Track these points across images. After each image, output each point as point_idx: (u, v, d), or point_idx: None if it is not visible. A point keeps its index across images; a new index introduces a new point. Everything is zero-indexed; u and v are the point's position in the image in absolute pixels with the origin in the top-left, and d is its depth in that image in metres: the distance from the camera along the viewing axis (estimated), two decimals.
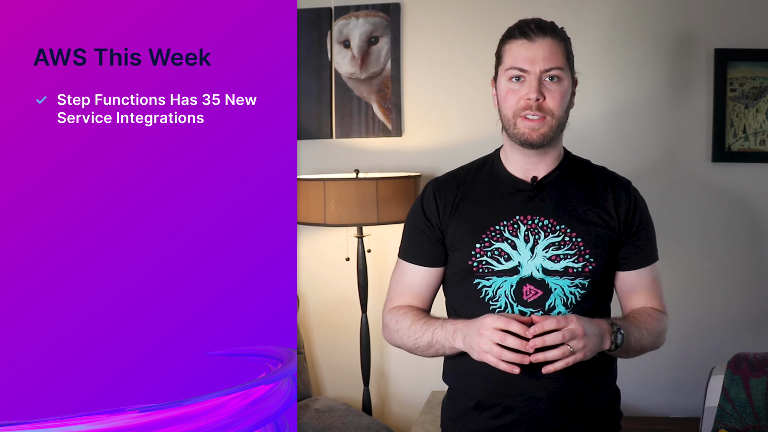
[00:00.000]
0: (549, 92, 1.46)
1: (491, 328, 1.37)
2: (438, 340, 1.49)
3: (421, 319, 1.54)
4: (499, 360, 1.36)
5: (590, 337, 1.37)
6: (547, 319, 1.36)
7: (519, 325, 1.35)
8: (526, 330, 1.35)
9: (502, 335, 1.36)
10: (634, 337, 1.47)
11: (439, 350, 1.51)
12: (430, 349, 1.52)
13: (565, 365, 1.35)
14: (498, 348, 1.36)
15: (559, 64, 1.46)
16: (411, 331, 1.53)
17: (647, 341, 1.51)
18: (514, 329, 1.35)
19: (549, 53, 1.45)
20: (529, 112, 1.46)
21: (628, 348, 1.47)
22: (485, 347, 1.37)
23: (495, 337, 1.36)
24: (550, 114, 1.46)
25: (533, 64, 1.45)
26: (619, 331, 1.43)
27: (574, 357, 1.35)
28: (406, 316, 1.56)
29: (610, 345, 1.42)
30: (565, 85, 1.48)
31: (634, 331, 1.47)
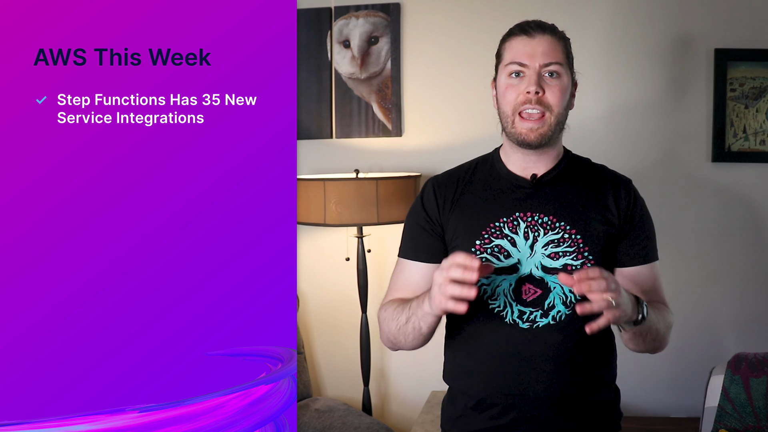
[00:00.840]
0: (549, 87, 1.47)
1: (441, 269, 1.33)
2: (413, 311, 1.46)
3: (403, 302, 1.52)
4: (448, 299, 1.31)
5: (624, 297, 1.33)
6: (591, 269, 1.30)
7: (465, 256, 1.30)
8: (474, 259, 1.29)
9: (450, 269, 1.30)
10: (654, 317, 1.45)
11: (415, 324, 1.47)
12: (408, 324, 1.48)
13: (607, 322, 1.29)
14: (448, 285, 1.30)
15: (558, 60, 1.47)
16: (394, 314, 1.52)
17: (662, 328, 1.50)
18: (459, 260, 1.30)
19: (548, 49, 1.47)
20: (529, 106, 1.46)
21: (648, 327, 1.44)
22: (436, 288, 1.33)
23: (441, 277, 1.32)
24: (549, 109, 1.47)
25: (532, 59, 1.46)
26: (643, 303, 1.41)
27: (613, 313, 1.29)
28: (391, 304, 1.55)
29: (638, 314, 1.39)
30: (564, 81, 1.48)
31: (652, 312, 1.46)
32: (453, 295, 1.31)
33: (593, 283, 1.27)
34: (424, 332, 1.48)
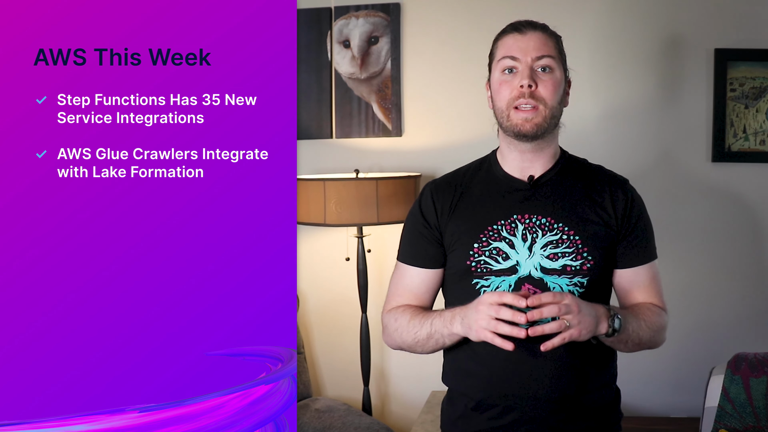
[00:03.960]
0: (541, 81, 1.48)
1: (488, 303, 1.37)
2: (437, 329, 1.49)
3: (420, 313, 1.54)
4: (495, 335, 1.35)
5: (585, 316, 1.37)
6: (544, 294, 1.36)
7: (513, 296, 1.35)
8: (521, 299, 1.34)
9: (497, 308, 1.35)
10: (632, 327, 1.47)
11: (438, 340, 1.50)
12: (430, 340, 1.51)
13: (562, 341, 1.35)
14: (494, 321, 1.35)
15: (550, 53, 1.48)
16: (410, 326, 1.53)
17: (646, 334, 1.50)
18: (508, 300, 1.35)
19: (540, 43, 1.48)
20: (522, 100, 1.47)
21: (626, 337, 1.46)
22: (482, 323, 1.37)
23: (491, 311, 1.36)
24: (543, 103, 1.47)
25: (524, 53, 1.48)
26: (616, 315, 1.42)
27: (570, 333, 1.35)
28: (404, 313, 1.56)
29: (608, 329, 1.41)
30: (557, 76, 1.49)
31: (632, 321, 1.47)
32: (503, 332, 1.35)
33: (544, 309, 1.34)
34: (447, 345, 1.53)
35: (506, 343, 1.35)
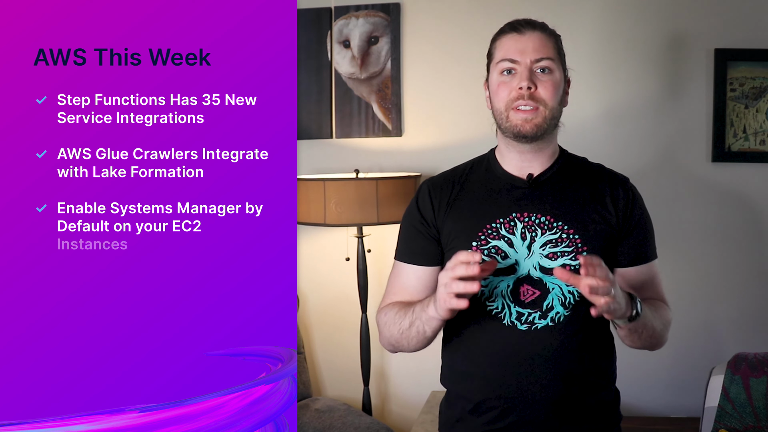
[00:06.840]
0: (541, 83, 1.47)
1: (444, 271, 1.34)
2: (417, 315, 1.47)
3: (406, 306, 1.52)
4: (452, 296, 1.32)
5: (618, 290, 1.34)
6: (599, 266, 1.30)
7: (466, 254, 1.32)
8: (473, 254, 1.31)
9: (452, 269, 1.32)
10: (649, 315, 1.45)
11: (419, 327, 1.47)
12: (412, 328, 1.48)
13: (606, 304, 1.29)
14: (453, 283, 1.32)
15: (549, 55, 1.47)
16: (396, 317, 1.52)
17: (658, 325, 1.49)
18: (461, 258, 1.32)
19: (539, 44, 1.47)
20: (522, 102, 1.46)
21: (642, 326, 1.44)
22: (441, 289, 1.35)
23: (446, 277, 1.33)
24: (542, 104, 1.46)
25: (523, 55, 1.46)
26: (636, 298, 1.41)
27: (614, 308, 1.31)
28: (393, 307, 1.55)
29: (632, 310, 1.39)
30: (556, 77, 1.48)
31: (648, 309, 1.46)
32: (457, 291, 1.31)
33: (599, 269, 1.29)
34: (428, 336, 1.49)
35: (461, 302, 1.32)
